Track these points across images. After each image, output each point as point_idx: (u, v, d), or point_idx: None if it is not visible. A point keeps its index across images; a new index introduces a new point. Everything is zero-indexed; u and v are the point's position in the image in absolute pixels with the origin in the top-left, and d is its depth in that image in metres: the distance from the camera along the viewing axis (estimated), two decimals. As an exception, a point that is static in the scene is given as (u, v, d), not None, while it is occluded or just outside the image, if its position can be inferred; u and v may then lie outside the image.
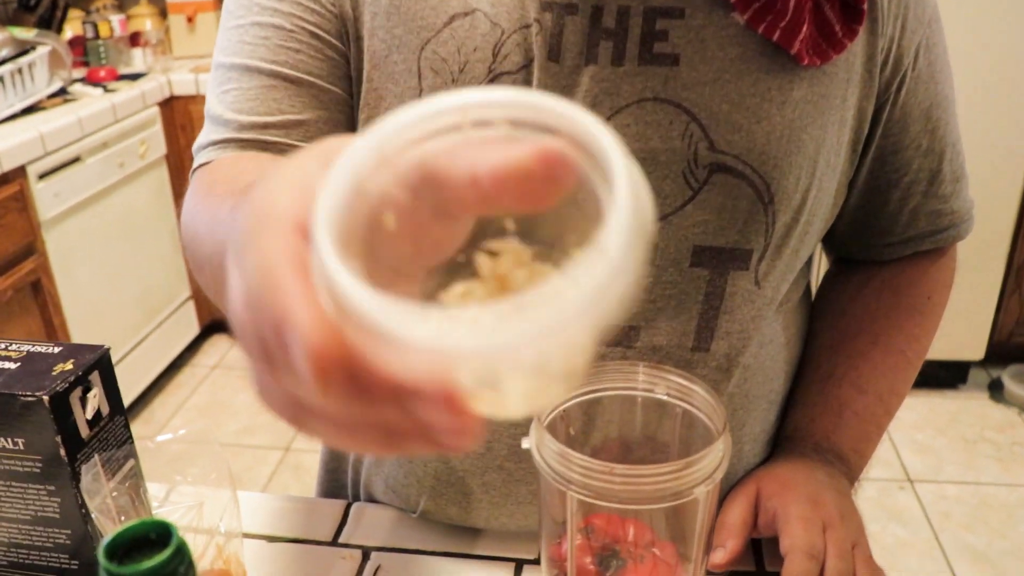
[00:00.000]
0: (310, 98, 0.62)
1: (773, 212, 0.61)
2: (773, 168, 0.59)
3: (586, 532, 0.51)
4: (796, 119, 0.59)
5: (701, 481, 0.44)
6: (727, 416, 0.48)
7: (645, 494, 0.44)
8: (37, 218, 2.10)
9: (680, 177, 0.59)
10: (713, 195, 0.59)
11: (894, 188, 0.69)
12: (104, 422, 0.63)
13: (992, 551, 1.98)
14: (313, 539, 0.70)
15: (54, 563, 0.65)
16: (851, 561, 0.60)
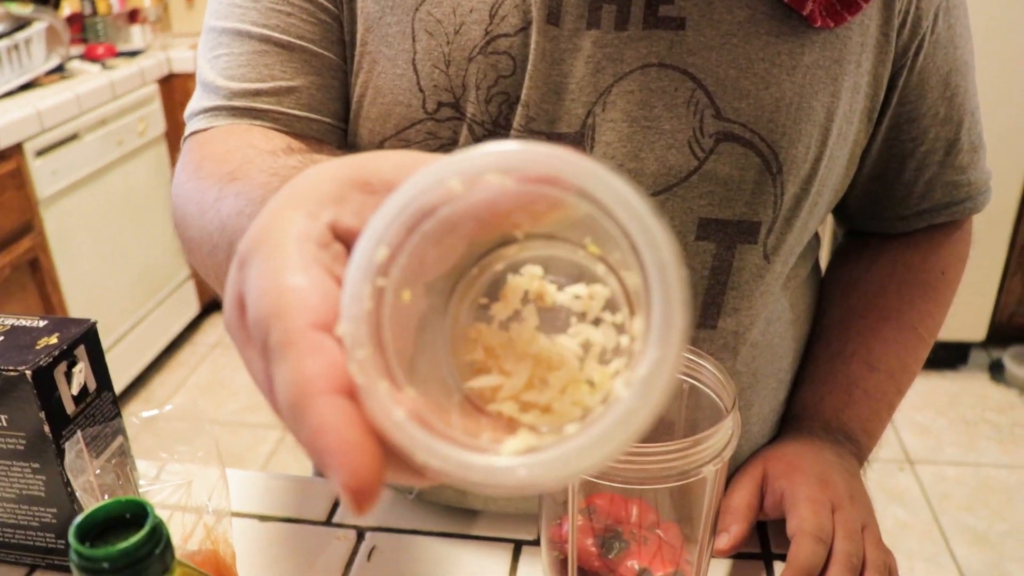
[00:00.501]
0: (302, 63, 0.60)
1: (782, 183, 0.58)
2: (782, 136, 0.57)
3: (587, 513, 0.50)
4: (807, 85, 0.57)
5: (709, 460, 0.43)
6: (736, 392, 0.46)
7: (650, 473, 0.43)
8: (35, 196, 2.08)
9: (685, 146, 0.57)
10: (720, 165, 0.57)
11: (909, 158, 0.67)
12: (91, 398, 0.62)
13: (992, 532, 1.98)
14: (307, 519, 0.69)
15: (40, 542, 0.64)
16: (860, 543, 0.59)
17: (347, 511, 0.70)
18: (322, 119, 0.61)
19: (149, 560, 0.32)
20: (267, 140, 0.57)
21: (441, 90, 0.57)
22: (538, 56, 0.56)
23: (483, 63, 0.56)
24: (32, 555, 0.65)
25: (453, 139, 0.58)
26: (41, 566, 0.65)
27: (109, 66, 2.42)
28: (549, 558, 0.52)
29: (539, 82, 0.57)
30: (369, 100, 0.59)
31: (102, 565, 0.31)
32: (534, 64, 0.56)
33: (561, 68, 0.56)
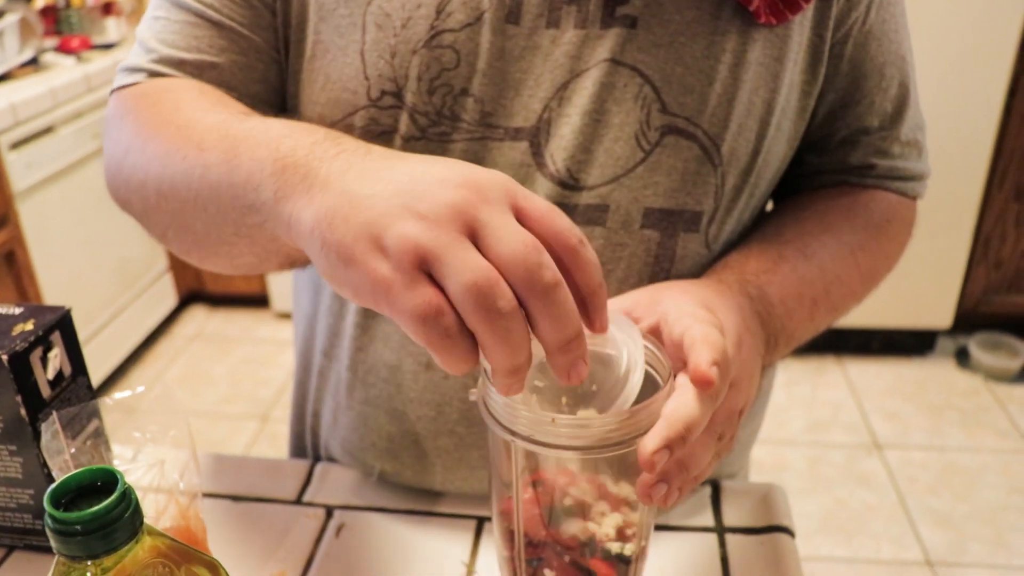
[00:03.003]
0: (228, 42, 0.63)
1: (723, 174, 0.62)
2: (724, 130, 0.60)
3: (535, 486, 0.53)
4: (748, 81, 0.60)
5: (644, 431, 0.46)
6: (671, 368, 0.49)
7: (588, 443, 0.45)
8: (10, 189, 2.08)
9: (632, 139, 0.59)
10: (664, 157, 0.60)
11: (845, 144, 0.69)
12: (66, 383, 0.64)
13: (955, 514, 2.03)
14: (277, 498, 0.71)
15: (18, 523, 0.66)
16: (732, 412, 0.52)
17: (318, 490, 0.72)
18: (239, 97, 0.63)
19: (119, 523, 0.34)
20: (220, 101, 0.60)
21: (385, 79, 0.60)
22: (494, 54, 0.59)
23: (426, 56, 0.59)
24: (10, 536, 0.67)
25: (394, 126, 0.61)
26: (19, 547, 0.67)
27: (84, 59, 2.41)
28: (500, 529, 0.55)
29: (495, 79, 0.59)
30: (320, 86, 0.62)
31: (75, 528, 0.34)
32: (489, 62, 0.59)
33: (520, 65, 0.59)
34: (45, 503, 0.34)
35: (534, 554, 0.52)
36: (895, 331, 2.56)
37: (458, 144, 0.61)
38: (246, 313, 2.97)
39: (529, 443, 0.46)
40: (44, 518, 0.34)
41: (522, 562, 0.52)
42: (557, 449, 0.46)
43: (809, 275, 0.64)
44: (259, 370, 2.66)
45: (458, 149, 0.61)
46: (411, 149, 0.61)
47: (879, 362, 2.58)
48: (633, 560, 0.52)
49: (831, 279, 0.66)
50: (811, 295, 0.64)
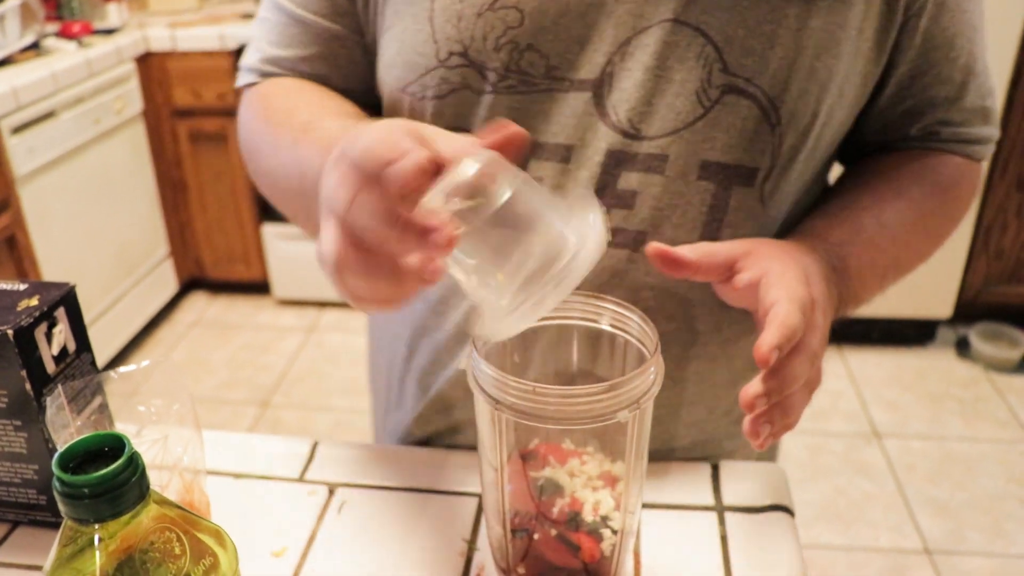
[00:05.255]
0: (314, 36, 0.72)
1: (780, 134, 0.63)
2: (783, 92, 0.62)
3: (523, 460, 0.53)
4: (810, 47, 0.61)
5: (626, 405, 0.46)
6: (657, 339, 0.49)
7: (573, 415, 0.46)
8: (11, 173, 2.08)
9: (693, 95, 0.62)
10: (723, 114, 0.62)
11: (910, 114, 0.70)
12: (71, 359, 0.64)
13: (953, 502, 2.04)
14: (280, 476, 0.72)
15: (22, 498, 0.66)
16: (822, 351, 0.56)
17: (321, 468, 0.72)
18: (332, 83, 0.74)
19: (127, 487, 0.35)
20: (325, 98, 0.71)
21: (452, 41, 0.64)
22: (559, 11, 0.62)
23: (491, 17, 0.63)
24: (15, 511, 0.67)
25: (464, 84, 0.65)
26: (23, 522, 0.67)
27: (85, 44, 2.41)
28: (489, 500, 0.55)
29: (560, 35, 0.63)
30: (395, 51, 0.68)
31: (83, 491, 0.34)
32: (553, 19, 0.62)
33: (584, 20, 0.63)
34: (54, 466, 0.34)
35: (521, 526, 0.53)
36: (895, 321, 2.56)
37: (526, 96, 0.64)
38: (247, 300, 2.97)
39: (515, 414, 0.46)
40: (52, 482, 0.34)
41: (508, 534, 0.53)
42: (543, 420, 0.46)
43: (883, 244, 0.68)
44: (259, 356, 2.66)
45: (526, 101, 0.64)
46: (481, 103, 0.65)
47: (879, 352, 2.59)
48: (620, 535, 0.53)
49: (902, 246, 0.69)
50: (883, 263, 0.68)
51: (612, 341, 0.55)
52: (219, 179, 2.75)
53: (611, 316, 0.54)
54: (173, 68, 2.61)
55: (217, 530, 0.40)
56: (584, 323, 0.55)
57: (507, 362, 0.55)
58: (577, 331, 0.55)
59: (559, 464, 0.55)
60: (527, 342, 0.55)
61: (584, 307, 0.55)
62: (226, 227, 2.83)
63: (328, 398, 2.47)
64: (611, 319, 0.54)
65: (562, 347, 0.56)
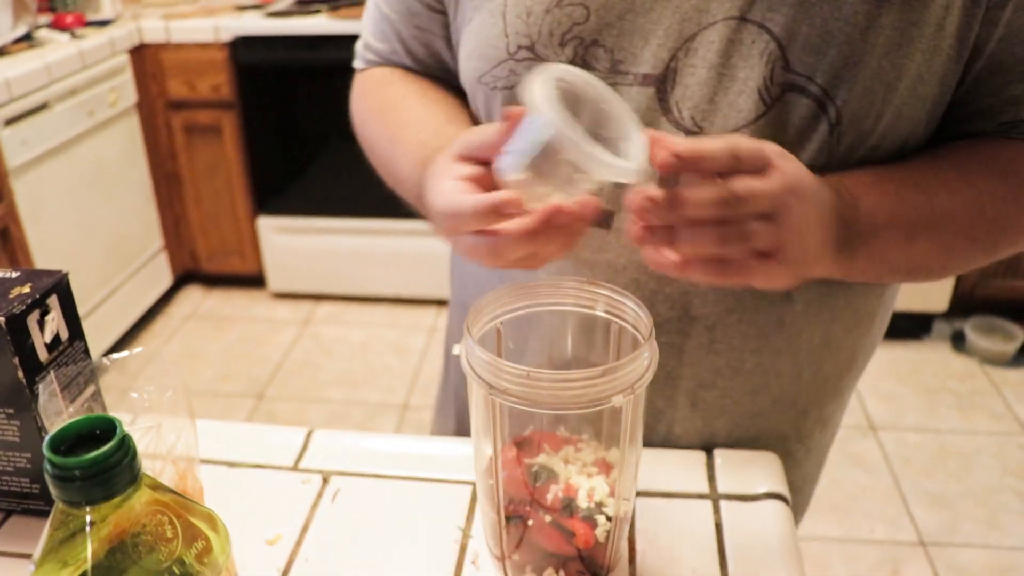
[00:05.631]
0: (396, 33, 0.80)
1: (839, 134, 0.62)
2: (846, 92, 0.60)
3: (518, 447, 0.53)
4: (878, 45, 0.60)
5: (620, 390, 0.46)
6: (652, 325, 0.49)
7: (568, 400, 0.46)
8: (4, 165, 2.07)
9: (755, 93, 0.61)
10: (783, 112, 0.61)
11: (989, 111, 0.66)
12: (63, 347, 0.64)
13: (949, 494, 2.04)
14: (274, 464, 0.72)
15: (15, 487, 0.66)
16: (755, 197, 0.52)
17: (315, 456, 0.72)
18: (417, 69, 0.81)
19: (118, 469, 0.34)
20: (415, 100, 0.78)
21: (521, 35, 0.66)
22: (624, 7, 0.63)
23: (558, 14, 0.65)
24: (8, 500, 0.67)
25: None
26: (17, 511, 0.67)
27: (78, 35, 2.39)
28: (483, 487, 0.55)
29: (625, 29, 0.63)
30: (473, 44, 0.71)
31: (74, 473, 0.34)
32: (619, 15, 0.63)
33: (650, 16, 0.63)
34: (45, 448, 0.34)
35: (516, 513, 0.53)
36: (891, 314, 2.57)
37: None
38: (241, 293, 2.97)
39: (510, 399, 0.46)
40: (43, 465, 0.34)
41: (503, 521, 0.53)
42: (537, 405, 0.46)
43: (914, 202, 0.63)
44: (254, 349, 2.66)
45: None
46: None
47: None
48: (614, 521, 0.53)
49: (941, 214, 0.64)
50: (910, 220, 0.63)
51: (607, 328, 0.55)
52: (214, 172, 2.74)
53: (606, 302, 0.54)
54: (167, 60, 2.60)
55: (210, 514, 0.40)
56: (579, 309, 0.55)
57: (502, 349, 0.55)
58: (572, 318, 0.55)
59: (553, 451, 0.54)
60: (522, 329, 0.55)
61: (579, 293, 0.54)
62: (221, 220, 2.82)
63: (323, 390, 2.46)
64: (606, 305, 0.54)
65: (557, 334, 0.56)
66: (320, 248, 2.80)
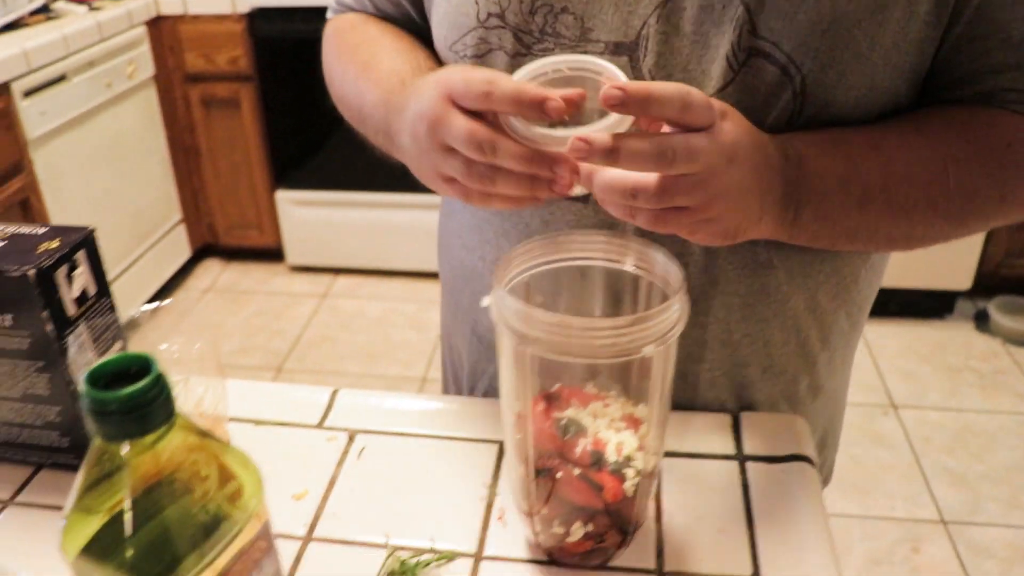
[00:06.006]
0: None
1: (801, 103, 0.60)
2: (811, 59, 0.59)
3: (547, 400, 0.53)
4: (849, 13, 0.58)
5: (652, 340, 0.46)
6: (683, 277, 0.49)
7: (597, 349, 0.45)
8: (24, 136, 2.08)
9: (724, 60, 0.60)
10: (748, 78, 0.60)
11: (966, 79, 0.64)
12: (91, 302, 0.64)
13: (970, 473, 2.03)
14: (300, 423, 0.72)
15: (44, 441, 0.66)
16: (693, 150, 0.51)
17: (339, 415, 0.72)
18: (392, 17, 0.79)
19: (154, 405, 0.34)
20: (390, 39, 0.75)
21: (491, 3, 0.65)
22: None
23: None
24: (37, 453, 0.67)
25: (500, 45, 0.65)
26: (46, 464, 0.68)
27: (95, 7, 2.39)
28: (512, 442, 0.55)
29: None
30: (443, 11, 0.69)
31: (111, 408, 0.33)
32: None
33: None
34: (83, 383, 0.34)
35: (544, 467, 0.52)
36: (913, 292, 2.54)
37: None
38: (260, 266, 2.98)
39: (541, 348, 0.46)
40: (81, 399, 0.34)
41: (531, 474, 0.52)
42: (568, 355, 0.46)
43: (867, 164, 0.61)
44: (273, 322, 2.67)
45: None
46: (519, 64, 0.62)
47: (897, 324, 2.57)
48: (643, 476, 0.52)
49: (899, 177, 0.62)
50: (863, 183, 0.61)
51: (635, 283, 0.54)
52: (232, 145, 2.74)
53: (635, 256, 0.53)
54: (184, 32, 2.59)
55: (243, 457, 0.40)
56: (607, 264, 0.54)
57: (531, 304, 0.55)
58: (600, 273, 0.55)
59: (582, 407, 0.54)
60: (550, 285, 0.55)
61: (608, 247, 0.54)
62: (239, 193, 2.83)
63: (341, 363, 2.47)
64: (635, 259, 0.53)
65: (586, 290, 0.56)
66: (338, 221, 2.80)
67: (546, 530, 0.55)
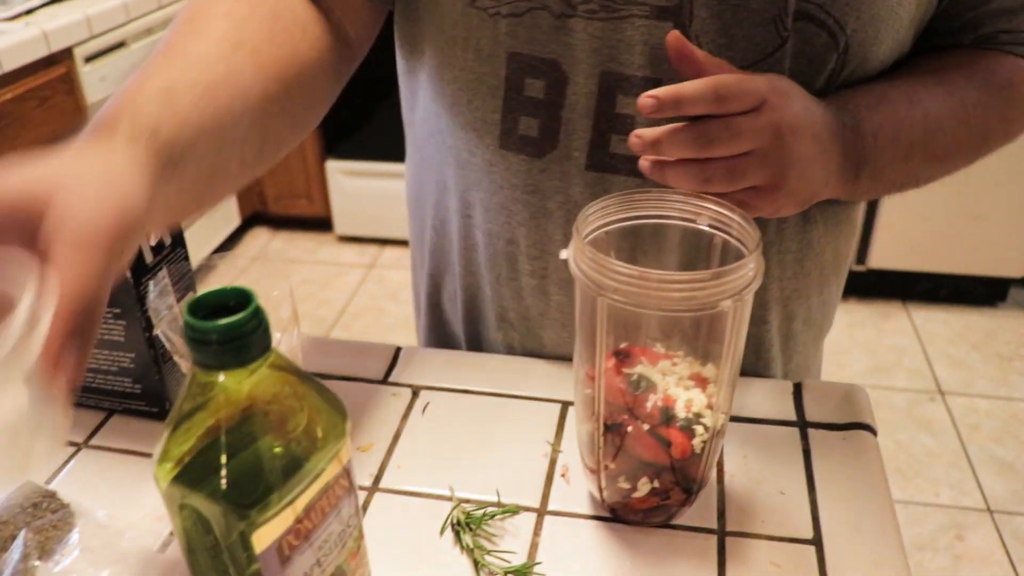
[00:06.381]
0: None
1: (843, 61, 0.62)
2: (854, 20, 0.60)
3: (618, 357, 0.53)
4: None
5: (729, 295, 0.46)
6: (760, 237, 0.49)
7: (675, 302, 0.45)
8: (84, 100, 2.12)
9: (771, 24, 0.60)
10: (795, 42, 0.60)
11: (968, 26, 0.67)
12: (167, 251, 0.65)
13: (1020, 463, 2.00)
14: (366, 378, 0.73)
15: (117, 387, 0.68)
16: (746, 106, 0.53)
17: (403, 371, 0.73)
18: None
19: (252, 337, 0.35)
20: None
21: None
22: None
23: None
24: (110, 399, 0.69)
25: (544, 4, 0.62)
26: (118, 410, 0.70)
27: (156, -25, 2.42)
28: (580, 396, 0.55)
29: None
30: None
31: (210, 337, 0.35)
32: None
33: None
34: (184, 313, 0.35)
35: (613, 420, 0.53)
36: (965, 278, 2.49)
37: (606, 23, 0.61)
38: (308, 236, 3.01)
39: (618, 299, 0.46)
40: (183, 327, 0.35)
41: (601, 427, 0.53)
42: (645, 307, 0.46)
43: (910, 119, 0.64)
44: (319, 291, 2.70)
45: (607, 28, 0.61)
46: (562, 26, 0.62)
47: (947, 310, 2.52)
48: (711, 433, 0.52)
49: (934, 127, 0.65)
50: (908, 138, 0.64)
51: (710, 242, 0.54)
52: (284, 115, 2.77)
53: (711, 215, 0.53)
54: None
55: (331, 395, 0.41)
56: (682, 223, 0.54)
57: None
58: (676, 231, 0.55)
59: (651, 365, 0.54)
60: (627, 241, 0.55)
61: (683, 206, 0.54)
62: (289, 162, 2.86)
63: (387, 334, 2.50)
64: (711, 218, 0.53)
65: (660, 247, 0.56)
66: (387, 192, 2.82)
67: (612, 486, 0.56)
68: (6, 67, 1.85)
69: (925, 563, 1.76)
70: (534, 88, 0.64)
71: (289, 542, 0.39)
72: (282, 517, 0.38)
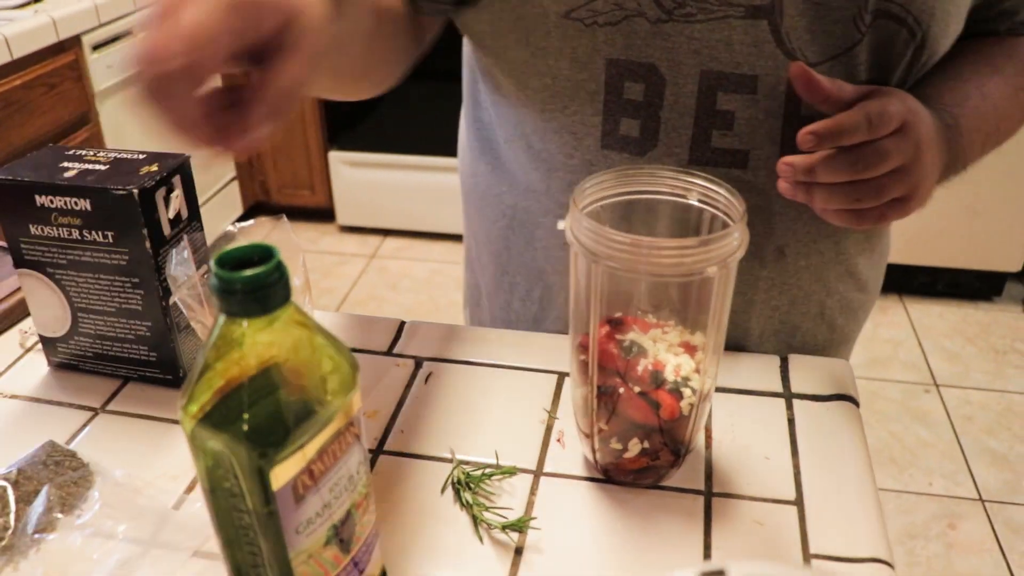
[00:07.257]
0: None
1: (919, 55, 0.66)
2: (930, 17, 0.63)
3: (612, 324, 0.56)
4: None
5: (715, 262, 0.49)
6: (744, 208, 0.52)
7: (665, 267, 0.49)
8: (92, 88, 2.15)
9: (850, 21, 0.63)
10: (874, 39, 0.64)
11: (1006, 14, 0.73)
12: (183, 224, 0.68)
13: (1012, 454, 2.03)
14: (370, 349, 0.76)
15: (135, 355, 0.71)
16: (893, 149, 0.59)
17: (407, 343, 0.76)
18: None
19: (274, 288, 0.38)
20: None
21: None
22: None
23: None
24: (127, 367, 0.72)
25: (639, 10, 0.64)
26: (134, 378, 0.73)
27: (164, -35, 2.45)
28: (575, 363, 0.58)
29: None
30: None
31: (236, 287, 0.38)
32: None
33: None
34: (212, 266, 0.38)
35: (606, 382, 0.56)
36: (961, 272, 2.52)
37: (704, 25, 0.64)
38: (310, 226, 3.04)
39: (612, 266, 0.49)
40: (209, 278, 0.38)
41: (595, 390, 0.56)
42: (637, 272, 0.49)
43: (985, 112, 0.70)
44: (321, 280, 2.74)
45: (704, 30, 0.64)
46: (658, 32, 0.64)
47: (943, 304, 2.55)
48: (698, 395, 0.56)
49: (1001, 116, 0.72)
50: (985, 130, 0.71)
51: (699, 216, 0.57)
52: (288, 105, 2.80)
53: (699, 191, 0.56)
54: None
55: (343, 346, 0.44)
56: (673, 198, 0.57)
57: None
58: (667, 206, 0.58)
59: (643, 332, 0.57)
60: (621, 215, 0.58)
61: (674, 182, 0.57)
62: (292, 152, 2.89)
63: (388, 323, 2.53)
64: (699, 194, 0.56)
65: (652, 221, 0.59)
66: (389, 183, 2.85)
67: (604, 447, 0.59)
68: (15, 54, 1.88)
69: (918, 551, 1.80)
70: (633, 91, 0.67)
71: (303, 481, 0.42)
72: (297, 457, 0.41)
